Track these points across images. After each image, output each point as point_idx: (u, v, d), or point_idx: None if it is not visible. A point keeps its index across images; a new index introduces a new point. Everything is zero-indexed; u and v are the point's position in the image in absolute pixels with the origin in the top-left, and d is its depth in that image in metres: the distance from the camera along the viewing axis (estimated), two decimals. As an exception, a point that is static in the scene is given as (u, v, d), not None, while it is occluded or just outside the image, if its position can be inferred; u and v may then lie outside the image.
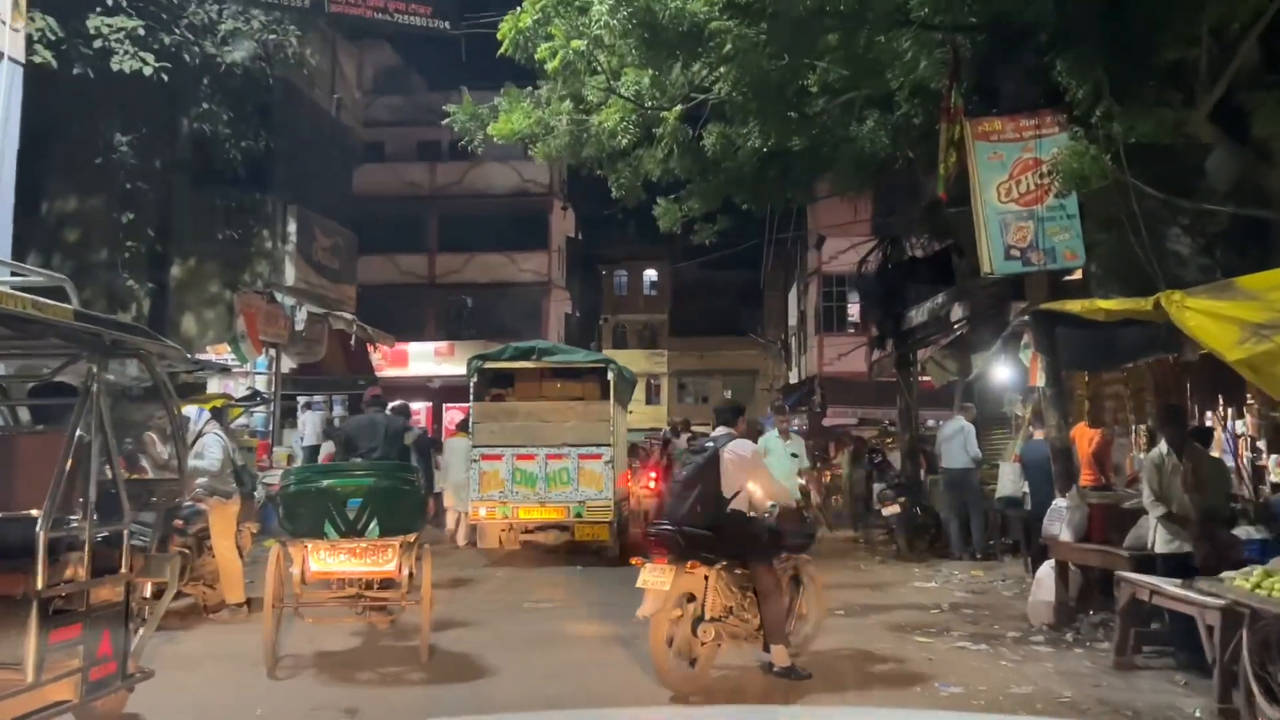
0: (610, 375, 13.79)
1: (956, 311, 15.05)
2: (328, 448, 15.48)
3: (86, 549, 4.61)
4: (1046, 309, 8.90)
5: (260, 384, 18.34)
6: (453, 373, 30.55)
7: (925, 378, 17.46)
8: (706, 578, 6.55)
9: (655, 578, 6.46)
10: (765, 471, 7.21)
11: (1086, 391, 9.84)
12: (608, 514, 13.25)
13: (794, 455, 10.71)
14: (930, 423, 31.45)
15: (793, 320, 45.49)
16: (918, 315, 14.27)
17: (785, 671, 6.75)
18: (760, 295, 56.60)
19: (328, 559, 7.15)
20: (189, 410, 9.88)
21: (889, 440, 29.56)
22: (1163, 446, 7.82)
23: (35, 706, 4.33)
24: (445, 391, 31.36)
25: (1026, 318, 9.48)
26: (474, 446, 13.28)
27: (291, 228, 18.36)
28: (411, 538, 7.39)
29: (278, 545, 7.46)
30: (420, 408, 29.61)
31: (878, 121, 11.30)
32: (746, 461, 6.91)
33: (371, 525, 7.14)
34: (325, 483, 7.44)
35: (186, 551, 8.94)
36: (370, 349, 23.08)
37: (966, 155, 9.34)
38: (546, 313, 37.03)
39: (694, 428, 27.03)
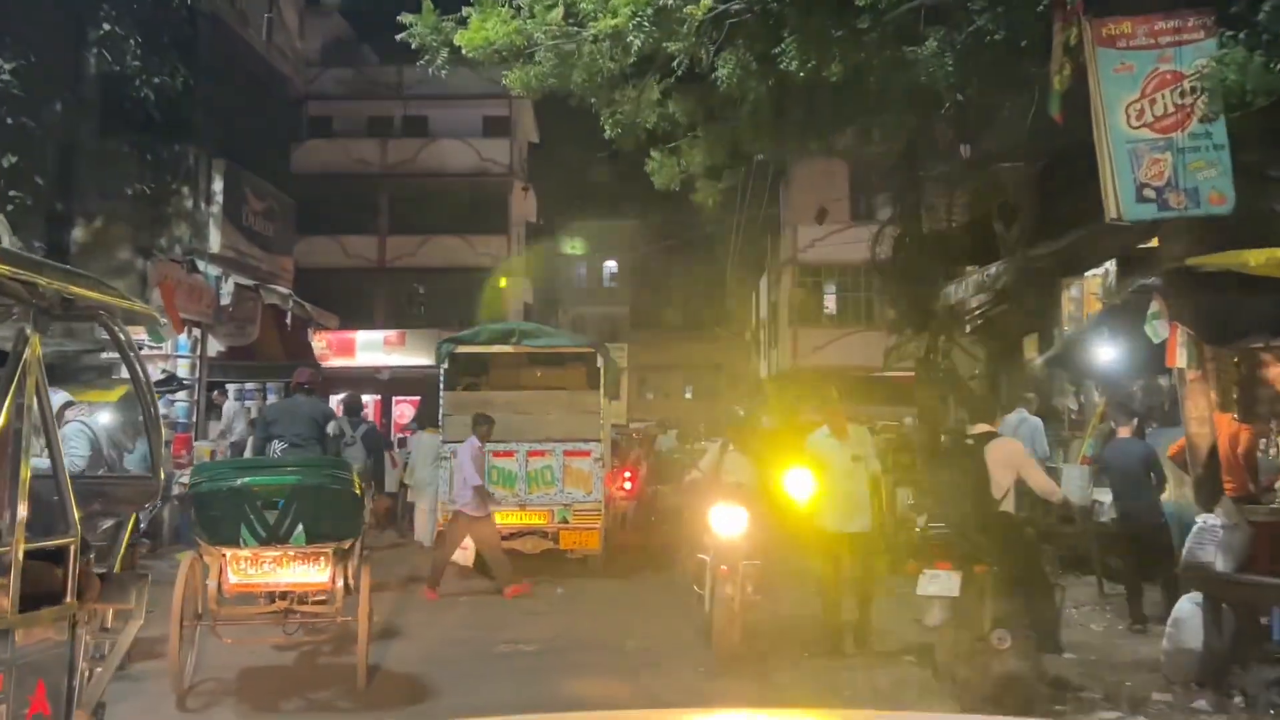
0: (600, 362, 11.97)
1: (970, 288, 12.84)
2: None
3: (14, 572, 3.52)
4: (1194, 265, 6.79)
5: (184, 369, 15.88)
6: (404, 363, 29.11)
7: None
8: (986, 583, 6.29)
9: (942, 585, 6.19)
10: (1034, 466, 6.92)
11: (1235, 375, 7.80)
12: (597, 519, 11.55)
13: (856, 458, 8.02)
14: (910, 420, 29.83)
15: (763, 312, 43.65)
16: (958, 291, 12.14)
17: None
18: (724, 290, 55.27)
19: (249, 570, 6.35)
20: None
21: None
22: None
23: None
24: (395, 384, 29.51)
25: (1155, 280, 7.36)
26: (444, 442, 11.47)
27: (217, 185, 15.65)
28: (347, 544, 6.59)
29: (191, 555, 6.59)
30: (368, 401, 27.62)
31: (942, 42, 9.09)
32: (1013, 459, 6.69)
33: (296, 530, 6.25)
34: (241, 481, 6.40)
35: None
36: (312, 335, 20.64)
37: (1086, 66, 7.18)
38: (505, 300, 34.76)
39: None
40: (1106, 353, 8.68)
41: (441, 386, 11.80)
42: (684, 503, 10.39)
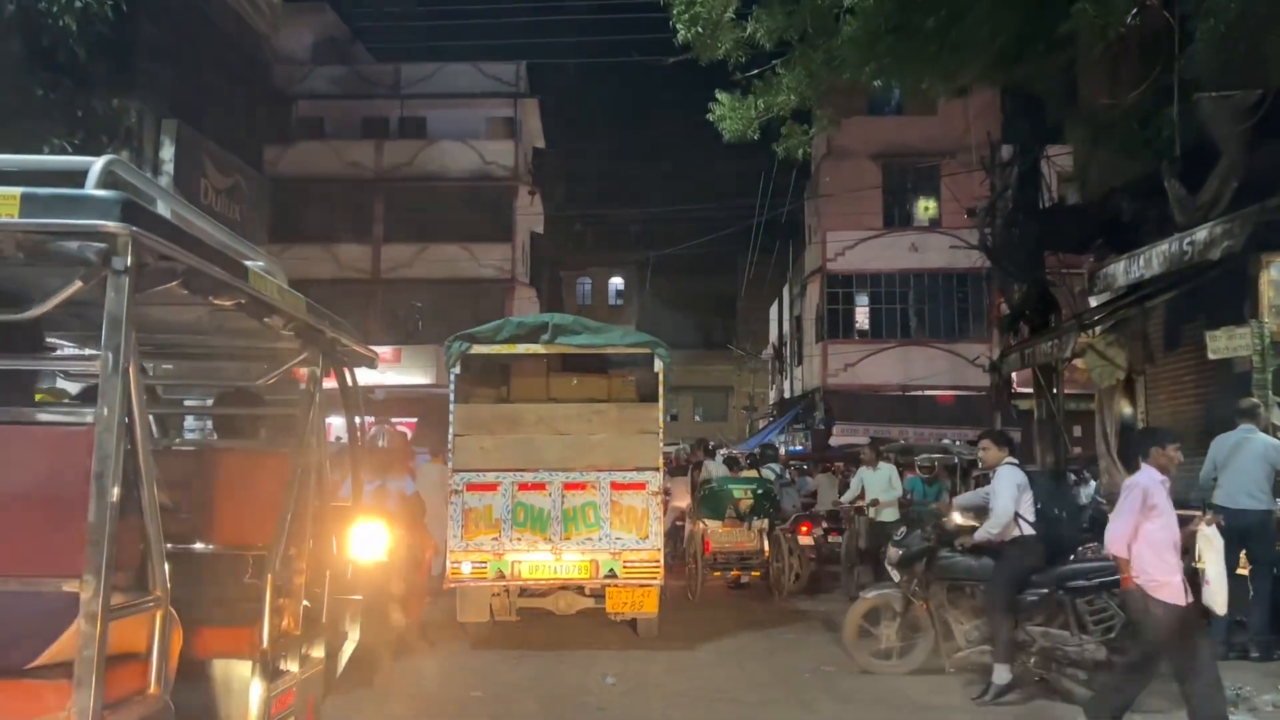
0: (659, 365, 9.12)
1: (1155, 263, 9.77)
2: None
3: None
4: None
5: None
6: (399, 382, 27.30)
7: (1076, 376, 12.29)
8: None
9: None
10: None
11: None
12: (656, 572, 8.79)
13: None
14: (948, 441, 26.84)
15: (785, 328, 41.00)
16: (1135, 269, 9.09)
17: None
18: (734, 308, 53.55)
19: None
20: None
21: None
22: None
23: None
24: (391, 405, 26.97)
25: None
26: (455, 471, 8.80)
27: (167, 152, 12.53)
28: None
29: None
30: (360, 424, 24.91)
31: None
32: None
33: None
34: None
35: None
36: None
37: None
38: (510, 314, 32.03)
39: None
40: None
41: (451, 398, 8.94)
42: None
